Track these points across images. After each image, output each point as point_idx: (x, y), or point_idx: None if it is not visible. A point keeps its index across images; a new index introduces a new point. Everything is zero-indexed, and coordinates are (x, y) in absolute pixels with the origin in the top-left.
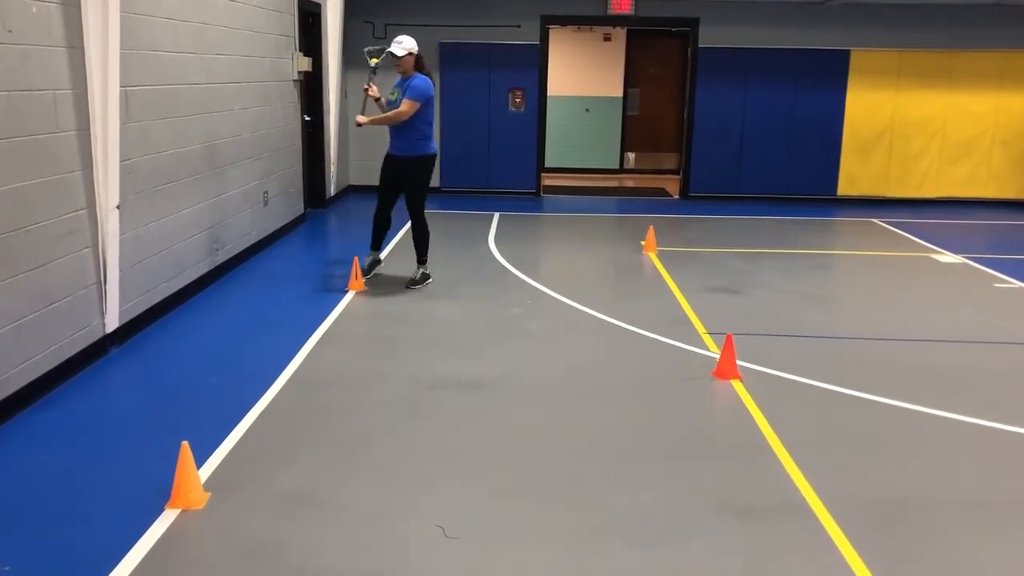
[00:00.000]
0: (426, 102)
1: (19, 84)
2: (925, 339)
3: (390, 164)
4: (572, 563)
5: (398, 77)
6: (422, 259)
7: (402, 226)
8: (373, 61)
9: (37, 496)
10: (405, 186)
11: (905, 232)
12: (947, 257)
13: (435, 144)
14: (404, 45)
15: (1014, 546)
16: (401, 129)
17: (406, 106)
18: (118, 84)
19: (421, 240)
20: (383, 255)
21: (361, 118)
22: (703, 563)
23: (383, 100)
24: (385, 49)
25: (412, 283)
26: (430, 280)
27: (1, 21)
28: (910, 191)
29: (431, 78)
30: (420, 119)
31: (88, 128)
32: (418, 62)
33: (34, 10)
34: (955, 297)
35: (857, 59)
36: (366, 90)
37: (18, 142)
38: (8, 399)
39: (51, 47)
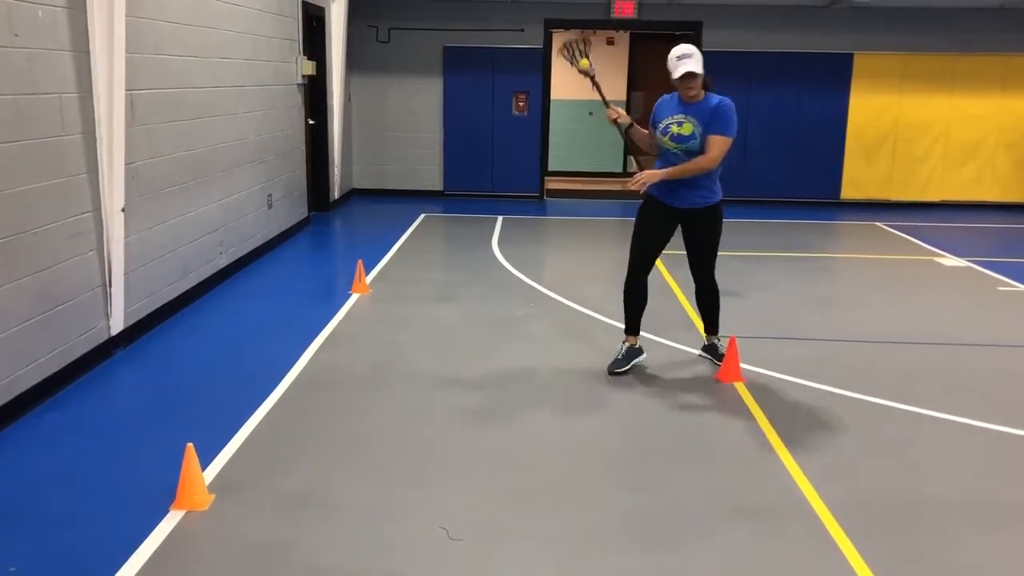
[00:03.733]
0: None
1: (25, 88)
2: (928, 342)
3: (667, 215)
4: (575, 565)
5: (673, 100)
6: (712, 328)
7: (407, 225)
8: (584, 64)
9: (43, 497)
10: (701, 241)
11: (909, 235)
12: (951, 260)
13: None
14: (696, 56)
15: (1017, 548)
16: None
17: (716, 148)
18: (123, 88)
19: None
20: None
21: (655, 175)
22: (706, 565)
23: (640, 128)
24: (586, 38)
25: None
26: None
27: (8, 25)
28: (914, 194)
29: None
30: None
31: (93, 131)
32: (706, 80)
33: (40, 14)
34: (958, 300)
35: (861, 62)
36: (615, 120)
37: (24, 145)
38: (14, 400)
39: (57, 51)
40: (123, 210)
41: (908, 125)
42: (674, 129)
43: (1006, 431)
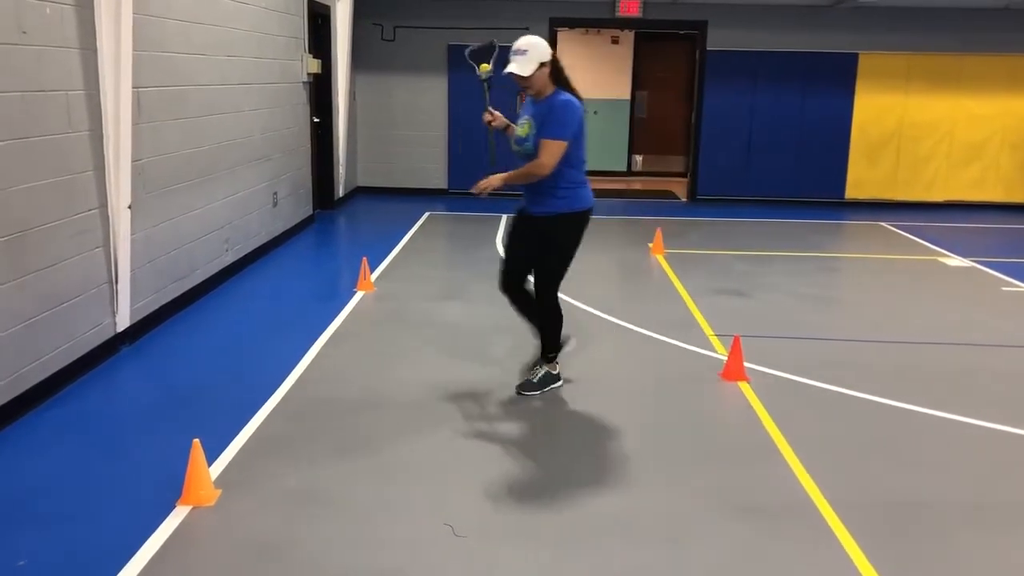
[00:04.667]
0: (574, 137)
1: (33, 85)
2: (932, 342)
3: (525, 221)
4: (579, 563)
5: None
6: (549, 353)
7: (412, 223)
8: (483, 69)
9: (49, 493)
10: (536, 253)
11: (913, 235)
12: (955, 260)
13: (590, 192)
14: (530, 55)
15: (1021, 549)
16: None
17: (546, 153)
18: (130, 85)
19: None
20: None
21: (495, 179)
22: (710, 564)
23: (513, 131)
24: (495, 45)
25: (528, 387)
26: (558, 384)
27: (16, 22)
28: (918, 194)
29: (576, 92)
30: (564, 161)
31: (100, 128)
32: (556, 73)
33: (48, 11)
34: (963, 300)
35: (865, 62)
36: (489, 122)
37: (32, 142)
38: (20, 397)
39: (64, 48)
40: (129, 207)
41: (913, 125)
42: (517, 130)
43: (1010, 431)
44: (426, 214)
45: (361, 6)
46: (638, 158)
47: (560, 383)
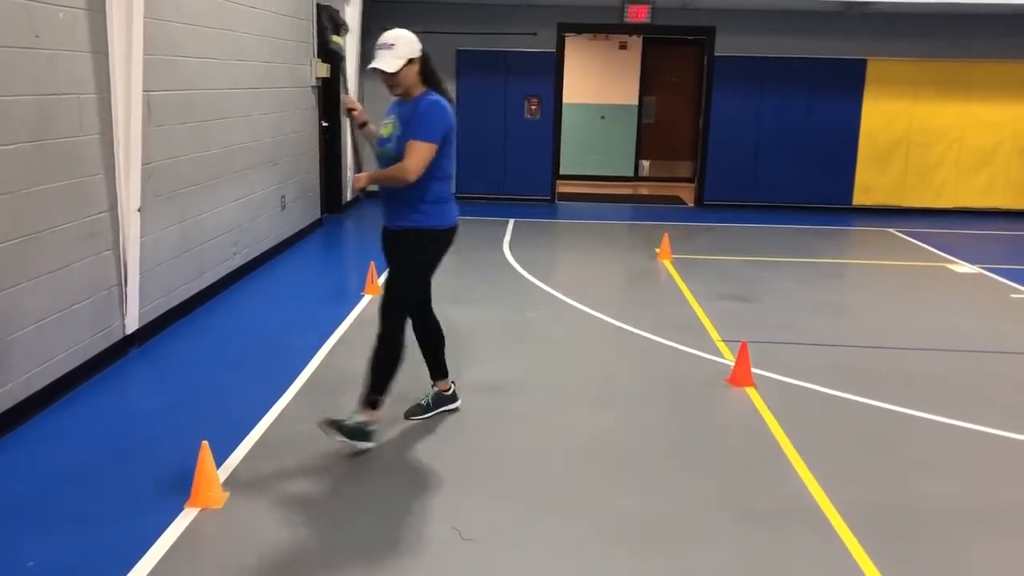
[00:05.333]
0: (443, 141)
1: (46, 88)
2: (940, 348)
3: (385, 236)
4: (586, 566)
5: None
6: (372, 395)
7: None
8: (337, 41)
9: (58, 494)
10: (391, 269)
11: (921, 242)
12: (963, 267)
13: (455, 209)
14: (397, 49)
15: None
16: (406, 186)
17: (412, 155)
18: (141, 89)
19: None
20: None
21: (362, 177)
22: (717, 569)
23: (372, 129)
24: (344, 26)
25: (336, 427)
26: (368, 444)
27: (29, 26)
28: (927, 201)
29: (447, 95)
30: (430, 171)
31: (111, 132)
32: (425, 72)
33: (60, 15)
34: (971, 307)
35: (874, 68)
36: (351, 110)
37: (43, 145)
38: (30, 398)
39: (76, 52)
40: (139, 210)
41: (921, 131)
42: (380, 130)
43: (1017, 438)
44: None
45: (370, 11)
46: (645, 163)
47: (372, 444)
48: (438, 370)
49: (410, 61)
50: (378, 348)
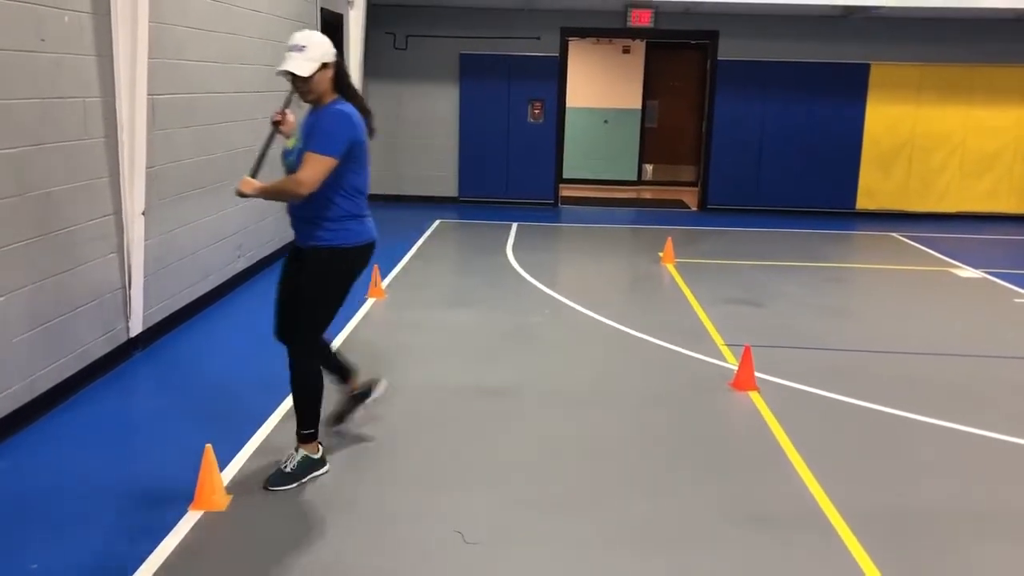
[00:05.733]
0: (346, 155)
1: (51, 91)
2: (943, 353)
3: (292, 255)
4: (588, 570)
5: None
6: (304, 430)
7: (423, 231)
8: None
9: (62, 497)
10: (298, 294)
11: (925, 246)
12: (967, 272)
13: (370, 227)
14: (309, 52)
15: None
16: (305, 202)
17: (307, 168)
18: (145, 92)
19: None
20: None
21: (248, 185)
22: (719, 571)
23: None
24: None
25: (278, 480)
26: (323, 470)
27: (35, 30)
28: (930, 205)
29: (363, 105)
30: (335, 187)
31: (115, 135)
32: (338, 79)
33: (66, 19)
34: (974, 312)
35: (877, 73)
36: (276, 122)
37: (49, 148)
38: (34, 401)
39: (82, 56)
40: (143, 213)
41: (925, 136)
42: (288, 142)
43: (1020, 442)
44: (437, 222)
45: (373, 15)
46: (648, 167)
47: (326, 468)
48: (343, 372)
49: (324, 66)
50: (297, 381)
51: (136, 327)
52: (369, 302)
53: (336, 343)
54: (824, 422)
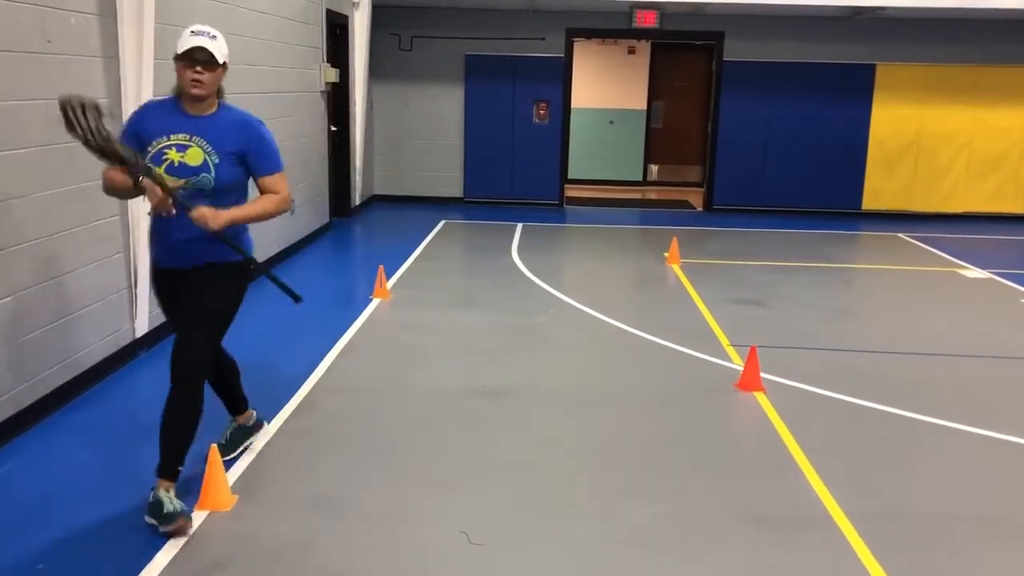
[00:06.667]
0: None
1: (57, 92)
2: (950, 354)
3: (167, 281)
4: (594, 572)
5: (168, 109)
6: (169, 464)
7: (428, 231)
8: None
9: (67, 496)
10: (201, 303)
11: (931, 247)
12: (973, 272)
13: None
14: (220, 44)
15: None
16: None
17: (282, 185)
18: (151, 93)
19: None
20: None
21: (215, 218)
22: (724, 573)
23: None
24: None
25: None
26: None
27: (41, 31)
28: (936, 206)
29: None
30: (244, 199)
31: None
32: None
33: (72, 20)
34: (981, 312)
35: (883, 73)
36: (164, 211)
37: (55, 149)
38: (39, 401)
39: (88, 56)
40: (149, 214)
41: (931, 136)
42: (174, 155)
43: None
44: (442, 222)
45: (379, 16)
46: (654, 168)
47: (180, 518)
48: (236, 404)
49: (224, 63)
50: (178, 412)
51: (142, 328)
52: (374, 302)
53: (340, 344)
54: (830, 423)
